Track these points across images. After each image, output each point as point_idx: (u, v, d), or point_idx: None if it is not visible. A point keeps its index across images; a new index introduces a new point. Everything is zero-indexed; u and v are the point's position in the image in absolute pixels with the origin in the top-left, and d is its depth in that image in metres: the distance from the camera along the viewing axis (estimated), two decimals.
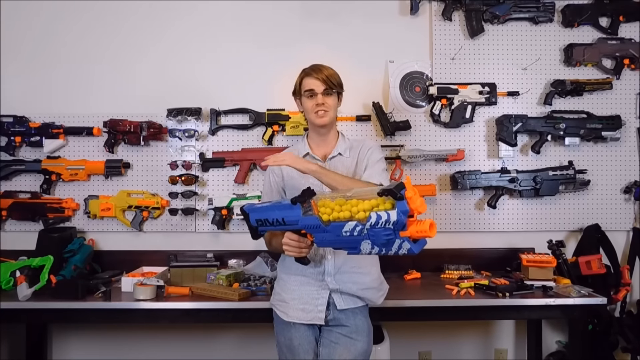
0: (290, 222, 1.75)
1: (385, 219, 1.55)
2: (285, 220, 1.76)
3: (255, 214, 1.85)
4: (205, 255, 2.90)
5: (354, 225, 1.61)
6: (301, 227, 1.72)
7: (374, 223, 1.56)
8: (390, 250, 1.59)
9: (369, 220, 1.57)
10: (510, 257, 2.87)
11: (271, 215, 1.79)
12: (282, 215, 1.76)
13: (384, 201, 1.58)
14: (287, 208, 1.75)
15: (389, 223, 1.54)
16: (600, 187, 3.01)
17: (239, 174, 2.94)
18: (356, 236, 1.61)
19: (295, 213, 1.73)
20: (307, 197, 1.70)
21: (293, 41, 2.99)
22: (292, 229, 1.77)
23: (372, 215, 1.57)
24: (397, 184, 1.54)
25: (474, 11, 2.97)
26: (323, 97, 1.96)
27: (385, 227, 1.55)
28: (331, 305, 1.95)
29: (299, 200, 1.71)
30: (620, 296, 2.81)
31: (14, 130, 2.91)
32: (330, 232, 1.65)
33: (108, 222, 2.97)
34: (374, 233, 1.57)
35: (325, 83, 1.96)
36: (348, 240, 1.63)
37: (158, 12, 3.01)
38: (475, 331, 3.07)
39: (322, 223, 1.67)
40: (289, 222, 1.76)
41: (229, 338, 3.04)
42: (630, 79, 3.03)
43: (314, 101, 1.97)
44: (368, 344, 1.96)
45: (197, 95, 2.97)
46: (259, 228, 1.86)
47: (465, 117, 2.95)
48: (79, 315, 2.46)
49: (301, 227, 1.72)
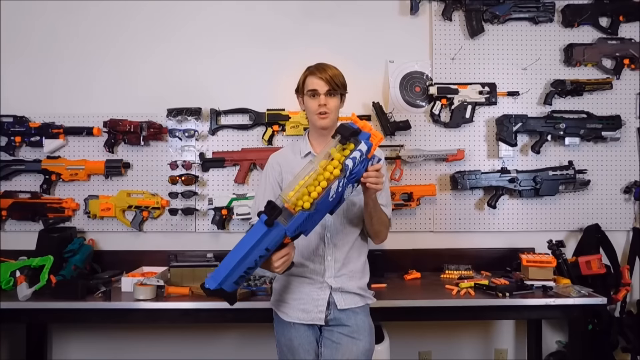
0: (276, 244, 1.64)
1: (359, 155, 1.66)
2: (269, 248, 1.63)
3: (229, 278, 1.62)
4: (205, 255, 2.89)
5: (336, 184, 1.66)
6: (291, 234, 1.64)
7: (352, 167, 1.65)
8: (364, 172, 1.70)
9: (346, 168, 1.65)
10: (510, 257, 2.87)
11: (251, 259, 1.62)
12: (265, 246, 1.62)
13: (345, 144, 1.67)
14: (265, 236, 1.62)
15: (363, 155, 1.66)
16: (600, 187, 3.01)
17: (239, 174, 2.94)
18: (340, 191, 1.67)
19: (276, 231, 1.63)
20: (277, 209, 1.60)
21: (293, 41, 2.99)
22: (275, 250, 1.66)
23: (347, 162, 1.65)
24: (342, 125, 1.67)
25: (474, 11, 2.97)
26: (326, 97, 1.95)
27: (362, 160, 1.66)
28: (331, 305, 1.94)
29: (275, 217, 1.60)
30: (620, 296, 2.82)
31: (14, 130, 2.91)
32: (319, 210, 1.66)
33: (108, 222, 2.97)
34: (354, 174, 1.66)
35: (329, 84, 1.94)
36: (334, 201, 1.68)
37: (158, 13, 3.01)
38: (475, 331, 3.07)
39: (308, 212, 1.64)
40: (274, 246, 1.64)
41: (229, 338, 3.04)
42: (630, 79, 3.03)
43: (317, 101, 1.95)
44: (370, 343, 1.96)
45: (197, 95, 2.98)
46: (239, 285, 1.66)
47: (465, 117, 2.95)
48: (79, 315, 2.46)
49: (291, 234, 1.64)
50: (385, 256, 2.81)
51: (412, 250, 2.95)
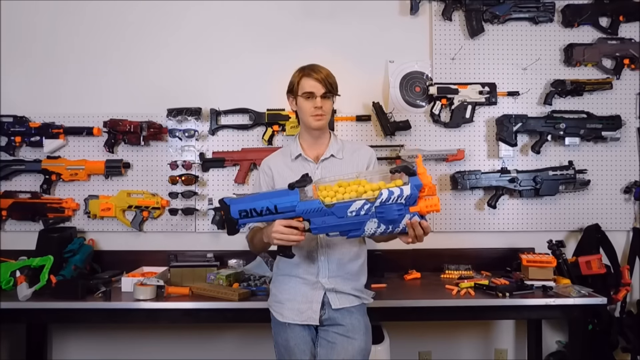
0: (284, 210, 1.74)
1: (397, 194, 1.62)
2: (277, 207, 1.74)
3: (238, 205, 1.79)
4: (205, 255, 2.90)
5: (361, 203, 1.65)
6: (299, 212, 1.71)
7: (385, 199, 1.62)
8: (398, 227, 1.65)
9: (379, 197, 1.63)
10: (510, 257, 2.87)
11: (259, 205, 1.76)
12: (275, 202, 1.74)
13: (393, 180, 1.66)
14: (281, 195, 1.75)
15: (402, 198, 1.62)
16: (600, 187, 3.01)
17: (239, 174, 2.94)
18: (362, 215, 1.65)
19: (291, 199, 1.72)
20: (306, 182, 1.71)
21: (293, 41, 2.99)
22: (283, 218, 1.75)
23: (383, 192, 1.63)
24: (405, 162, 1.60)
25: (474, 11, 2.97)
26: (322, 100, 1.96)
27: (397, 203, 1.62)
28: (326, 304, 1.94)
29: (298, 185, 1.71)
30: (620, 296, 2.81)
31: (14, 130, 2.91)
32: (333, 214, 1.67)
33: (108, 222, 2.97)
34: (384, 209, 1.63)
35: (325, 86, 1.95)
36: (352, 222, 1.67)
37: (158, 13, 3.01)
38: (475, 331, 3.07)
39: (324, 206, 1.68)
40: (282, 210, 1.74)
41: (229, 338, 3.04)
42: (630, 79, 3.02)
43: (313, 103, 1.95)
44: (366, 343, 1.95)
45: (197, 95, 2.98)
46: (241, 220, 1.80)
47: (465, 117, 2.95)
48: (79, 315, 2.46)
49: (299, 212, 1.71)
50: (385, 256, 2.81)
51: (412, 250, 2.93)
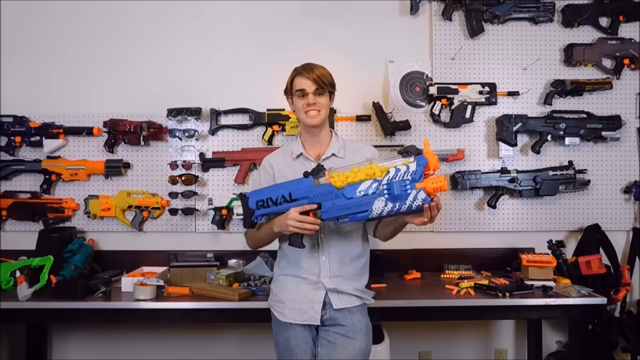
0: (298, 197, 1.81)
1: (404, 171, 1.68)
2: (292, 195, 1.82)
3: (256, 195, 1.89)
4: (205, 255, 2.90)
5: (370, 182, 1.72)
6: (312, 198, 1.79)
7: (392, 176, 1.68)
8: (404, 205, 1.69)
9: (387, 174, 1.69)
10: (510, 257, 2.87)
11: (276, 193, 1.85)
12: (289, 190, 1.83)
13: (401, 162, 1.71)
14: (295, 183, 1.83)
15: (408, 174, 1.68)
16: (600, 187, 3.01)
17: (239, 174, 2.94)
18: (370, 195, 1.71)
19: (304, 186, 1.80)
20: (319, 169, 1.80)
21: (293, 41, 2.99)
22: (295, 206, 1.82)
23: (390, 169, 1.70)
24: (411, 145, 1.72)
25: (474, 11, 2.97)
26: (314, 97, 1.96)
27: (404, 178, 1.68)
28: (327, 304, 1.94)
29: (313, 173, 1.79)
30: (620, 296, 2.81)
31: (14, 130, 2.91)
32: (343, 195, 1.73)
33: (108, 222, 2.97)
34: (390, 186, 1.68)
35: (317, 83, 1.95)
36: (360, 203, 1.72)
37: (158, 13, 3.01)
38: (475, 331, 3.07)
39: (335, 188, 1.75)
40: (296, 197, 1.82)
41: (229, 338, 3.04)
42: (630, 79, 3.02)
43: (305, 101, 1.96)
44: (367, 343, 1.95)
45: (197, 95, 2.98)
46: (257, 211, 1.89)
47: (465, 117, 2.95)
48: (79, 315, 2.46)
49: (312, 198, 1.79)
50: (385, 256, 2.81)
51: (412, 250, 2.95)
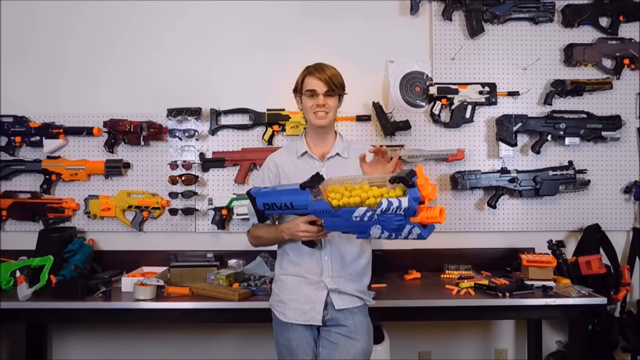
0: (299, 207, 1.79)
1: (396, 206, 1.59)
2: (293, 204, 1.80)
3: (262, 197, 1.88)
4: (205, 255, 2.90)
5: (364, 210, 1.65)
6: (310, 211, 1.76)
7: (385, 209, 1.61)
8: (400, 235, 1.63)
9: (379, 206, 1.62)
10: (510, 257, 2.87)
11: (279, 200, 1.84)
12: (291, 199, 1.80)
13: (394, 187, 1.62)
14: (295, 193, 1.79)
15: (400, 209, 1.59)
16: (600, 187, 3.01)
17: (239, 174, 2.94)
18: (366, 221, 1.65)
19: (304, 198, 1.77)
20: (316, 183, 1.75)
21: (293, 41, 2.99)
22: (300, 213, 1.82)
23: (382, 201, 1.61)
24: (408, 172, 1.59)
25: (474, 11, 2.97)
26: (324, 98, 1.96)
27: (397, 213, 1.60)
28: (329, 305, 1.94)
29: (308, 185, 1.75)
30: (620, 296, 2.81)
31: (14, 130, 2.91)
32: (340, 217, 1.70)
33: (108, 222, 2.97)
34: (384, 219, 1.62)
35: (328, 84, 1.95)
36: (358, 225, 1.68)
37: (158, 13, 3.01)
38: (475, 331, 3.07)
39: (331, 208, 1.71)
40: (297, 207, 1.80)
41: (229, 338, 3.04)
42: (630, 79, 3.02)
43: (315, 101, 1.96)
44: (368, 343, 1.96)
45: (197, 95, 2.97)
46: (266, 212, 1.90)
47: (465, 117, 2.95)
48: (79, 315, 2.46)
49: (310, 211, 1.76)
50: (385, 256, 2.81)
51: (412, 250, 2.94)
